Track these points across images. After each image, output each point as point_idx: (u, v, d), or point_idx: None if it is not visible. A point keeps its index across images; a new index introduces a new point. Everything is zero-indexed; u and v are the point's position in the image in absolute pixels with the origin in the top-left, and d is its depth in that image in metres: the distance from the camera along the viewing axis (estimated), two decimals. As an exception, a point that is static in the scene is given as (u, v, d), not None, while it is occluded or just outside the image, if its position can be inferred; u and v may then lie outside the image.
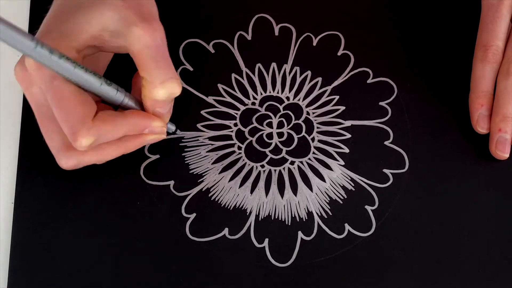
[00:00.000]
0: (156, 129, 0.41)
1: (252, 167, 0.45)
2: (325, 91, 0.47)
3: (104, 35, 0.38)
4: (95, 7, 0.38)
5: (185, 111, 0.46)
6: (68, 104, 0.37)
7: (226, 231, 0.43)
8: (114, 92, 0.39)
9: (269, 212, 0.44)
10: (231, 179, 0.45)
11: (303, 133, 0.46)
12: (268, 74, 0.48)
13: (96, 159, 0.41)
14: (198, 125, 0.46)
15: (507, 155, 0.45)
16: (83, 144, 0.37)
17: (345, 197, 0.45)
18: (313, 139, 0.46)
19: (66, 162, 0.40)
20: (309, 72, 0.48)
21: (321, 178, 0.45)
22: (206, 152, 0.45)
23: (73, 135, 0.37)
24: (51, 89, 0.37)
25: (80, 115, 0.37)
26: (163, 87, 0.38)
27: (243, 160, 0.46)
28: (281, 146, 0.46)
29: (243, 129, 0.46)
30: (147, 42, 0.37)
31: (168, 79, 0.38)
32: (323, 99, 0.47)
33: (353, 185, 0.45)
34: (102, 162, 0.41)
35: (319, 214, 0.44)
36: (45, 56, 0.35)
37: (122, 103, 0.40)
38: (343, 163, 0.46)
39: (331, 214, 0.44)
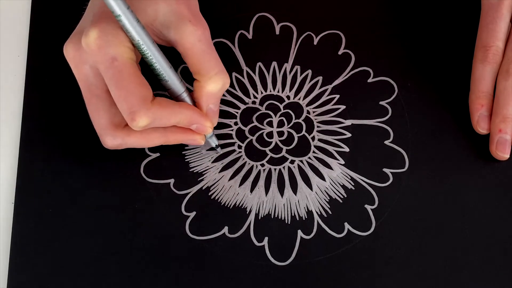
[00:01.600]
0: (203, 128, 0.42)
1: (252, 166, 0.45)
2: (326, 90, 0.47)
3: (156, 25, 0.40)
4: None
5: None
6: (129, 84, 0.38)
7: (225, 230, 0.43)
8: (178, 80, 0.41)
9: (268, 211, 0.44)
10: (231, 177, 0.45)
11: (303, 132, 0.46)
12: (268, 73, 0.48)
13: (140, 143, 0.42)
14: (199, 124, 0.46)
15: (507, 156, 0.45)
16: (140, 124, 0.38)
17: (345, 196, 0.45)
18: (313, 138, 0.46)
19: (112, 141, 0.41)
20: (309, 71, 0.48)
21: (321, 177, 0.45)
22: (207, 150, 0.46)
23: (131, 114, 0.38)
24: (111, 68, 0.38)
25: (140, 96, 0.38)
26: (216, 79, 0.41)
27: (243, 159, 0.46)
28: (281, 145, 0.46)
29: (243, 128, 0.46)
30: (199, 36, 0.39)
31: (221, 70, 0.41)
32: (324, 98, 0.47)
33: (353, 184, 0.45)
34: (144, 146, 0.42)
35: (319, 213, 0.44)
36: (132, 21, 0.37)
37: (181, 95, 0.41)
38: (343, 162, 0.46)
39: (330, 213, 0.44)
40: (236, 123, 0.46)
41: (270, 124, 0.47)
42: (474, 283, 0.42)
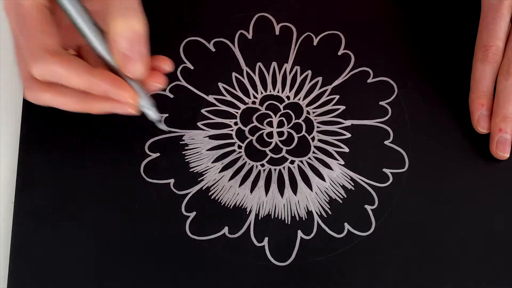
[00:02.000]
0: (120, 98, 0.38)
1: (252, 166, 0.45)
2: (325, 90, 0.48)
3: None
4: None
5: (185, 110, 0.46)
6: (28, 31, 0.36)
7: (226, 230, 0.43)
8: (98, 34, 0.37)
9: (268, 211, 0.44)
10: (231, 178, 0.45)
11: (303, 133, 0.46)
12: (268, 73, 0.48)
13: (54, 102, 0.39)
14: (199, 124, 0.46)
15: (507, 155, 0.45)
16: (34, 72, 0.36)
17: (345, 196, 0.45)
18: (313, 139, 0.46)
19: (28, 93, 0.39)
20: (309, 72, 0.48)
21: (321, 177, 0.45)
22: (206, 150, 0.46)
23: (27, 61, 0.36)
24: (16, 15, 0.37)
25: (39, 43, 0.36)
26: (124, 15, 0.36)
27: (243, 159, 0.46)
28: (281, 145, 0.46)
29: (243, 128, 0.46)
30: None
31: (131, 8, 0.36)
32: (323, 99, 0.47)
33: (353, 184, 0.45)
34: (62, 108, 0.39)
35: (319, 214, 0.44)
36: None
37: (103, 57, 0.38)
38: (343, 162, 0.46)
39: (330, 213, 0.44)
40: (236, 123, 0.46)
41: (270, 124, 0.47)
42: (474, 283, 0.43)
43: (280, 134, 0.46)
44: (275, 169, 0.45)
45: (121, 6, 0.36)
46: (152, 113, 0.40)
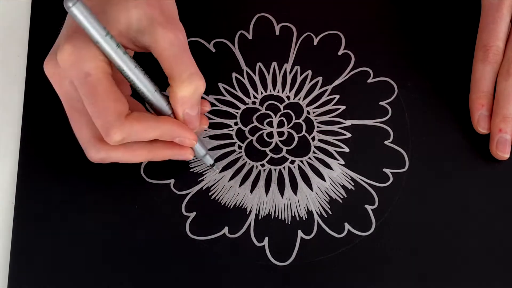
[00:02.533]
0: (184, 140, 0.41)
1: (252, 166, 0.45)
2: (326, 90, 0.48)
3: (131, 33, 0.39)
4: (121, 4, 0.39)
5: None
6: (102, 100, 0.37)
7: (226, 230, 0.43)
8: (159, 95, 0.40)
9: (269, 211, 0.44)
10: (231, 178, 0.45)
11: (304, 132, 0.46)
12: (268, 73, 0.48)
13: (124, 158, 0.41)
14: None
15: (507, 156, 0.45)
16: (114, 139, 0.38)
17: (345, 196, 0.45)
18: (313, 139, 0.46)
19: (95, 154, 0.41)
20: (309, 72, 0.48)
21: (321, 177, 0.45)
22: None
23: (106, 130, 0.38)
24: (85, 85, 0.37)
25: (114, 111, 0.38)
26: (188, 82, 0.39)
27: (243, 159, 0.46)
28: (281, 145, 0.46)
29: (243, 128, 0.46)
30: (171, 39, 0.39)
31: (193, 73, 0.39)
32: (324, 99, 0.47)
33: (353, 184, 0.45)
34: (130, 162, 0.41)
35: (319, 213, 0.44)
36: (112, 47, 0.37)
37: (163, 109, 0.40)
38: (343, 162, 0.46)
39: (331, 213, 0.44)
40: (236, 123, 0.46)
41: (270, 124, 0.47)
42: (474, 283, 0.42)
43: (280, 134, 0.46)
44: (275, 169, 0.45)
45: (186, 71, 0.39)
46: (209, 157, 0.44)
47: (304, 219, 0.44)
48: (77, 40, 0.37)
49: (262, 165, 0.45)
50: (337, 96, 0.47)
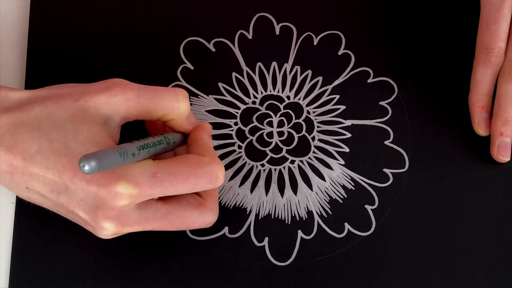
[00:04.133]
0: (210, 129, 0.42)
1: (252, 166, 0.45)
2: (326, 90, 0.48)
3: (107, 128, 0.38)
4: (80, 123, 0.36)
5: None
6: (183, 170, 0.37)
7: (226, 230, 0.43)
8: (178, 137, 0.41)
9: (269, 211, 0.44)
10: (231, 178, 0.45)
11: (304, 132, 0.46)
12: (268, 73, 0.48)
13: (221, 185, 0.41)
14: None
15: (508, 159, 0.45)
16: (223, 172, 0.38)
17: (345, 196, 0.45)
18: (313, 138, 0.46)
19: (213, 213, 0.41)
20: (309, 71, 0.48)
21: (321, 177, 0.45)
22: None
23: (212, 175, 0.38)
24: (164, 180, 0.36)
25: (198, 162, 0.38)
26: (180, 100, 0.39)
27: (243, 159, 0.46)
28: (281, 145, 0.46)
29: (243, 128, 0.46)
30: (134, 95, 0.38)
31: (176, 93, 0.39)
32: (324, 98, 0.47)
33: (353, 184, 0.45)
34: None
35: (319, 213, 0.44)
36: (132, 159, 0.35)
37: (179, 141, 0.41)
38: (343, 162, 0.46)
39: (331, 213, 0.44)
40: (236, 123, 0.46)
41: (270, 124, 0.47)
42: (474, 283, 0.43)
43: (280, 134, 0.46)
44: (275, 169, 0.45)
45: (169, 101, 0.39)
46: None
47: (304, 219, 0.44)
48: (113, 175, 0.35)
49: (262, 165, 0.45)
50: (337, 96, 0.47)
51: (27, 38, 0.48)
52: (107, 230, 0.36)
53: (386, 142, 0.46)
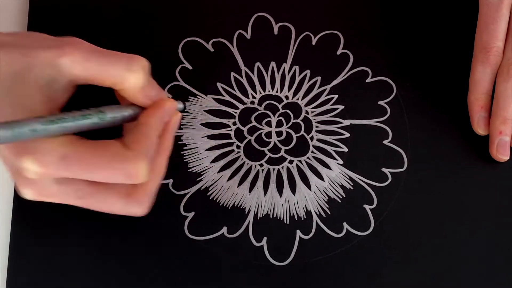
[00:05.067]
0: (171, 109, 0.38)
1: (251, 166, 0.45)
2: (324, 90, 0.47)
3: (49, 91, 0.35)
4: (18, 81, 0.35)
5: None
6: (97, 159, 0.34)
7: (224, 230, 0.43)
8: (129, 109, 0.37)
9: (267, 211, 0.44)
10: (230, 178, 0.45)
11: (302, 132, 0.46)
12: (267, 73, 0.48)
13: (158, 179, 0.38)
14: (197, 124, 0.46)
15: (507, 158, 0.45)
16: (144, 171, 0.35)
17: (344, 196, 0.45)
18: (312, 138, 0.46)
19: (141, 206, 0.37)
20: (308, 71, 0.48)
21: (320, 177, 0.45)
22: (205, 150, 0.46)
23: (128, 172, 0.34)
24: (72, 164, 0.34)
25: (115, 156, 0.34)
26: (133, 70, 0.36)
27: (242, 159, 0.46)
28: (280, 145, 0.46)
29: (242, 128, 0.46)
30: (81, 58, 0.35)
31: (128, 61, 0.36)
32: (322, 98, 0.47)
33: (351, 184, 0.45)
34: (162, 177, 0.39)
35: (318, 213, 0.44)
36: (48, 129, 0.33)
37: (123, 116, 0.38)
38: (342, 162, 0.46)
39: (329, 213, 0.44)
40: (234, 123, 0.46)
41: (268, 124, 0.47)
42: (473, 283, 0.42)
43: (279, 134, 0.46)
44: (273, 169, 0.45)
45: (121, 67, 0.36)
46: (179, 106, 0.40)
47: (302, 219, 0.44)
48: (26, 147, 0.33)
49: (261, 165, 0.45)
50: (336, 96, 0.47)
51: (25, 38, 0.48)
52: (26, 195, 0.36)
53: (385, 142, 0.46)
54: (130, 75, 0.36)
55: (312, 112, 0.47)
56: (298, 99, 0.47)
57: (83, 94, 0.38)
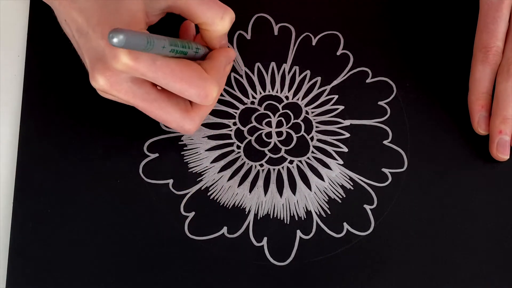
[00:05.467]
0: (232, 57, 0.44)
1: (251, 166, 0.45)
2: (324, 90, 0.48)
3: (148, 8, 0.40)
4: None
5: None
6: (182, 72, 0.39)
7: (225, 230, 0.43)
8: (201, 49, 0.42)
9: (267, 211, 0.44)
10: (230, 178, 0.45)
11: (302, 132, 0.46)
12: (267, 74, 0.48)
13: (211, 108, 0.43)
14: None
15: (507, 157, 0.45)
16: (215, 95, 0.40)
17: (344, 196, 0.45)
18: (312, 138, 0.46)
19: (192, 124, 0.42)
20: (308, 72, 0.48)
21: (320, 177, 0.45)
22: (205, 151, 0.46)
23: (204, 92, 0.39)
24: (160, 69, 0.38)
25: (197, 74, 0.39)
26: (224, 19, 0.41)
27: (242, 159, 0.46)
28: (280, 145, 0.46)
29: (242, 128, 0.46)
30: None
31: (224, 11, 0.41)
32: (322, 99, 0.47)
33: (352, 184, 0.45)
34: (212, 108, 0.44)
35: (318, 213, 0.44)
36: (159, 47, 0.37)
37: (203, 54, 0.42)
38: (342, 162, 0.46)
39: (329, 213, 0.44)
40: (235, 123, 0.47)
41: (269, 124, 0.47)
42: (473, 283, 0.42)
43: (279, 134, 0.46)
44: (274, 169, 0.45)
45: (219, 11, 0.41)
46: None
47: (303, 219, 0.44)
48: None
49: (261, 165, 0.45)
50: (336, 96, 0.47)
51: (27, 38, 0.48)
52: (97, 82, 0.39)
53: (385, 142, 0.46)
54: (220, 22, 0.41)
55: (312, 112, 0.47)
56: (298, 99, 0.47)
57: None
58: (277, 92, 0.47)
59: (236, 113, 0.47)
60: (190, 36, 0.45)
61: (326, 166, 0.45)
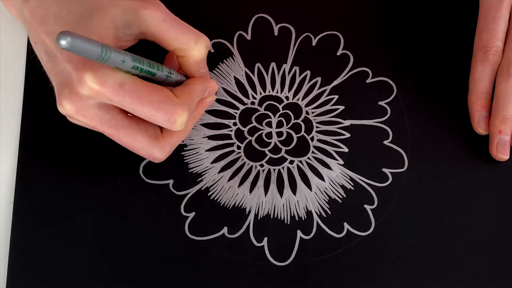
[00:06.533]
0: (213, 89, 0.43)
1: (251, 166, 0.45)
2: (325, 90, 0.48)
3: (120, 32, 0.39)
4: (98, 10, 0.38)
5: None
6: (150, 96, 0.37)
7: (225, 230, 0.43)
8: (174, 74, 0.41)
9: (268, 211, 0.44)
10: (230, 178, 0.45)
11: (302, 133, 0.46)
12: (267, 74, 0.48)
13: (182, 136, 0.42)
14: (198, 124, 0.46)
15: (507, 157, 0.45)
16: (183, 120, 0.38)
17: (344, 196, 0.45)
18: (312, 139, 0.46)
19: (162, 152, 0.41)
20: (308, 72, 0.48)
21: (320, 177, 0.45)
22: (205, 151, 0.46)
23: (172, 116, 0.38)
24: (126, 94, 0.36)
25: (166, 98, 0.38)
26: (199, 43, 0.40)
27: (242, 159, 0.46)
28: (280, 146, 0.46)
29: (242, 128, 0.46)
30: (160, 16, 0.39)
31: (198, 36, 0.40)
32: (323, 99, 0.47)
33: (352, 184, 0.45)
34: (184, 137, 0.43)
35: (318, 213, 0.44)
36: (117, 60, 0.35)
37: (177, 80, 0.41)
38: (342, 162, 0.46)
39: (330, 213, 0.44)
40: (235, 124, 0.47)
41: (269, 124, 0.47)
42: (473, 283, 0.42)
43: (279, 134, 0.46)
44: (274, 169, 0.45)
45: (192, 37, 0.40)
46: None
47: (303, 219, 0.44)
48: (91, 64, 0.36)
49: (261, 165, 0.45)
50: (336, 96, 0.47)
51: (27, 38, 0.48)
52: (64, 108, 0.38)
53: (385, 142, 0.46)
54: (195, 47, 0.40)
55: (312, 112, 0.47)
56: (298, 99, 0.47)
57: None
58: (277, 92, 0.47)
59: (236, 113, 0.47)
60: (174, 67, 0.43)
61: (327, 166, 0.45)
